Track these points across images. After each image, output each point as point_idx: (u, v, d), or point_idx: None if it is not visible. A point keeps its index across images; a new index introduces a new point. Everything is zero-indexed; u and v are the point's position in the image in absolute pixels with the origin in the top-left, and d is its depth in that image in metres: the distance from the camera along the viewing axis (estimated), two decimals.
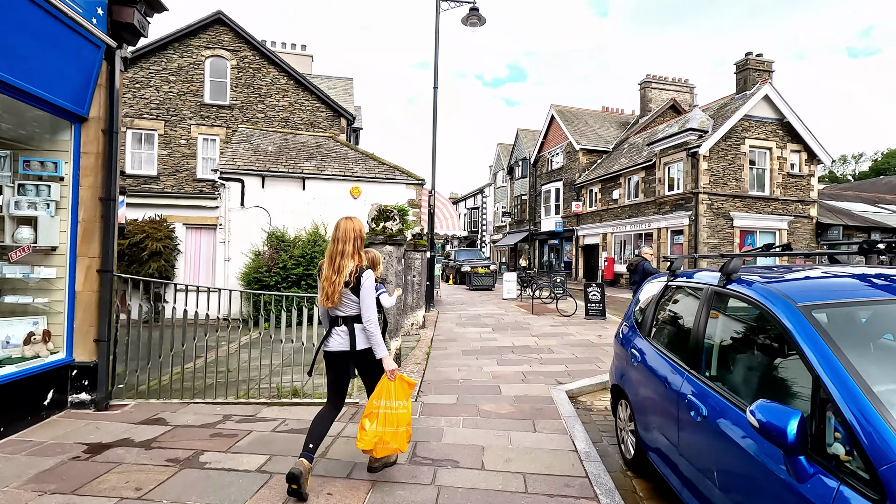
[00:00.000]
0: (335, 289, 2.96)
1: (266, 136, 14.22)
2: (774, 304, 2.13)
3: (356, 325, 3.05)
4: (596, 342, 8.31)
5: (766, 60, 20.50)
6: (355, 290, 2.99)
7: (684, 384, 2.63)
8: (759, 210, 20.09)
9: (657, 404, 2.99)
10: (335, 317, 3.10)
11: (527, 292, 17.10)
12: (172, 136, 17.98)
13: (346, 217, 3.17)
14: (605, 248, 25.99)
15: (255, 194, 12.06)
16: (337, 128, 19.50)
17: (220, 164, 11.93)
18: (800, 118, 20.17)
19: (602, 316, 11.15)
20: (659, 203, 21.74)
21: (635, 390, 3.39)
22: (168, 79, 17.86)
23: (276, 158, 12.75)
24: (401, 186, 12.97)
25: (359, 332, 3.06)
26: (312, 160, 13.00)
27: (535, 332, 9.53)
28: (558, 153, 31.88)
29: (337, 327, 3.09)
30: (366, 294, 3.01)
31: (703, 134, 19.69)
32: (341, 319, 3.08)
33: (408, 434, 3.13)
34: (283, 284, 11.01)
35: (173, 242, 11.38)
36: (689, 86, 30.87)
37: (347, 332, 3.06)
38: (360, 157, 13.70)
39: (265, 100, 18.85)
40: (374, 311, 3.06)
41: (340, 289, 2.96)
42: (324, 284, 3.01)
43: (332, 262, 3.01)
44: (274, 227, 11.90)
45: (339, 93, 22.33)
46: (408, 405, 3.12)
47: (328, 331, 3.14)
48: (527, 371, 6.29)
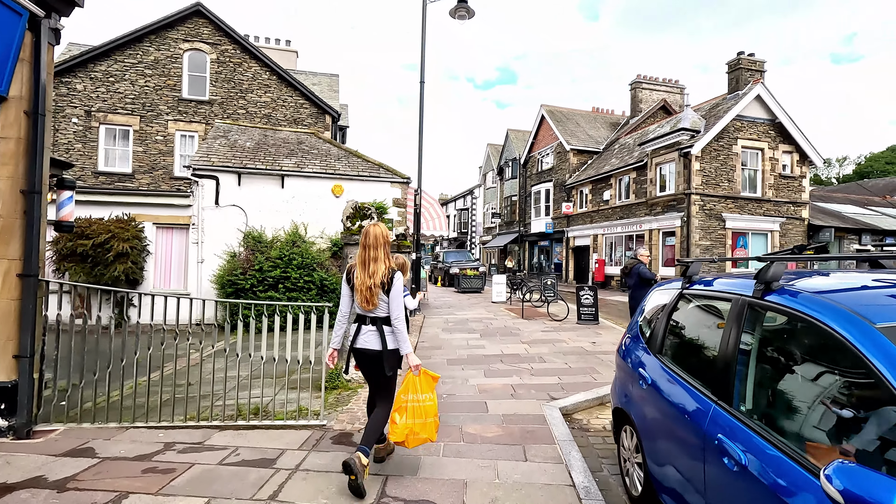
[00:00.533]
0: (372, 292, 3.15)
1: (244, 131, 13.57)
2: (843, 324, 1.62)
3: (385, 328, 3.22)
4: (590, 350, 7.81)
5: (758, 60, 20.27)
6: (386, 290, 3.17)
7: (711, 419, 2.11)
8: (751, 211, 19.83)
9: (674, 438, 2.47)
10: (364, 316, 3.26)
11: (516, 295, 16.62)
12: (148, 133, 17.23)
13: (373, 224, 3.32)
14: (596, 250, 25.63)
15: (231, 192, 11.41)
16: (321, 125, 18.88)
17: (194, 161, 11.27)
18: (792, 119, 19.96)
19: (595, 321, 10.68)
20: (650, 204, 21.40)
21: (644, 417, 2.87)
22: (144, 72, 17.12)
23: (253, 155, 12.12)
24: (385, 185, 12.40)
25: (387, 333, 3.22)
26: (292, 157, 12.39)
27: (525, 338, 9.02)
28: (548, 154, 31.50)
29: (365, 326, 3.26)
30: (396, 294, 3.19)
31: (696, 134, 19.38)
32: (370, 319, 3.24)
33: (436, 424, 3.26)
34: (259, 288, 10.40)
35: (142, 243, 10.69)
36: (679, 86, 30.70)
37: (377, 332, 3.22)
38: (344, 155, 13.11)
39: (246, 95, 18.18)
40: (402, 310, 3.24)
41: (378, 291, 3.14)
42: (360, 289, 3.17)
43: (365, 267, 3.19)
44: (251, 227, 11.27)
45: (323, 89, 21.70)
46: (433, 397, 3.27)
47: (357, 329, 3.29)
48: (516, 384, 5.76)
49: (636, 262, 6.37)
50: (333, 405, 4.94)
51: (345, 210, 5.65)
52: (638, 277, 6.25)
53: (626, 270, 6.45)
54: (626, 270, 6.42)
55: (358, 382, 5.51)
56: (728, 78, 20.84)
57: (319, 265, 10.93)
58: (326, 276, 10.75)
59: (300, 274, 10.56)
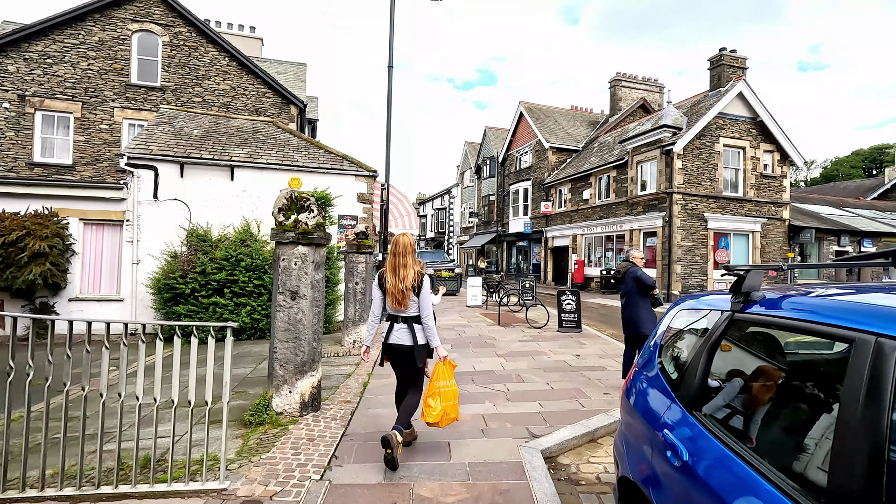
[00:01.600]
0: (404, 295, 3.53)
1: (193, 118, 12.24)
2: None
3: (415, 325, 3.60)
4: (575, 365, 6.86)
5: (739, 57, 19.82)
6: (416, 292, 3.56)
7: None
8: (732, 211, 19.34)
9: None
10: (396, 315, 3.63)
11: (493, 298, 15.66)
12: (92, 121, 15.66)
13: (401, 233, 3.67)
14: (576, 251, 24.91)
15: (172, 185, 10.12)
16: (286, 116, 17.60)
17: (129, 149, 9.93)
18: (773, 117, 19.56)
19: (577, 328, 9.77)
20: (631, 203, 20.75)
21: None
22: (87, 54, 15.54)
23: (200, 144, 10.83)
24: (349, 178, 11.27)
25: (418, 330, 3.61)
26: (245, 147, 11.14)
27: (501, 349, 8.03)
28: (527, 152, 30.73)
29: (397, 324, 3.63)
30: (425, 295, 3.59)
31: (678, 131, 18.78)
32: (402, 318, 3.62)
33: (457, 407, 3.64)
34: (201, 293, 9.16)
35: (65, 242, 9.31)
36: (658, 85, 30.31)
37: (409, 329, 3.60)
38: (304, 145, 11.92)
39: (203, 82, 16.76)
40: (431, 309, 3.65)
41: (409, 294, 3.53)
42: (392, 291, 3.55)
43: (395, 272, 3.56)
44: (195, 223, 10.00)
45: (289, 78, 20.37)
46: (453, 383, 3.64)
47: (390, 327, 3.66)
48: (489, 413, 4.74)
49: (630, 265, 5.43)
50: (252, 451, 3.83)
51: (277, 200, 4.55)
52: (634, 283, 5.31)
53: (618, 275, 5.50)
54: (619, 275, 5.48)
55: (291, 417, 4.41)
56: (710, 75, 20.33)
57: (272, 267, 9.73)
58: None
59: (249, 277, 9.36)
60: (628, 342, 5.56)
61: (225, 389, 3.25)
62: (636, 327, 5.28)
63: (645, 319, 5.24)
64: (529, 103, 31.20)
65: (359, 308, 7.98)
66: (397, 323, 3.64)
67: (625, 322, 5.47)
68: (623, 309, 5.49)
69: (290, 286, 4.47)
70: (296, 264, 4.48)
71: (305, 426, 4.27)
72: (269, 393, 4.53)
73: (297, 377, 4.45)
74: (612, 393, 5.44)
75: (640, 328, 5.25)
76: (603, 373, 6.40)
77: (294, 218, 4.54)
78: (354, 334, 8.01)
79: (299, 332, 4.46)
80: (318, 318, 4.66)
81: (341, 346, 8.12)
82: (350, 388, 5.73)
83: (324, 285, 4.77)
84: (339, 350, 7.84)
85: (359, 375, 6.31)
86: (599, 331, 10.31)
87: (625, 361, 5.52)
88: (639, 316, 5.25)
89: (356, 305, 7.97)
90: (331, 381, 6.09)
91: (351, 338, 8.01)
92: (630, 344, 5.54)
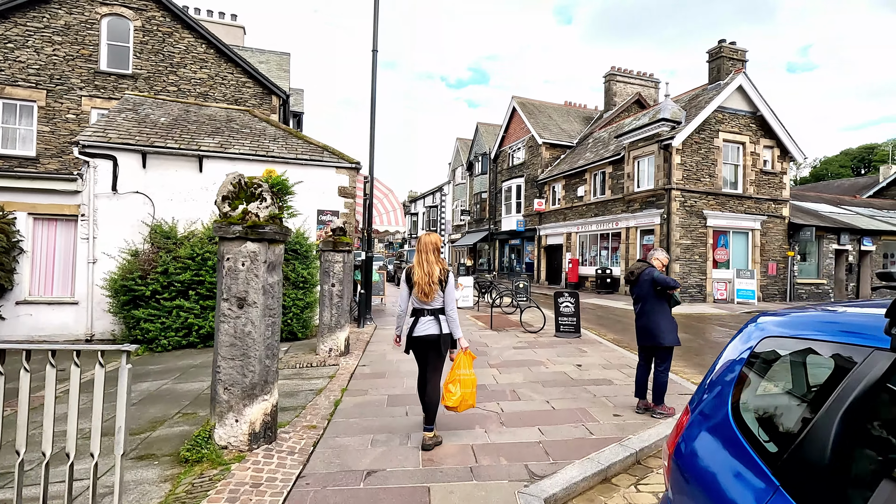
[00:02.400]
0: (431, 288, 3.85)
1: (161, 105, 11.32)
2: None
3: (441, 316, 3.92)
4: (576, 378, 6.09)
5: (739, 49, 19.19)
6: (442, 286, 3.89)
7: None
8: (732, 209, 18.72)
9: None
10: (421, 309, 3.93)
11: (485, 299, 14.90)
12: (57, 110, 14.66)
13: (426, 233, 4.07)
14: (570, 249, 24.22)
15: (133, 176, 9.22)
16: (267, 107, 16.70)
17: (84, 136, 9.01)
18: (773, 111, 18.97)
19: (576, 332, 9.02)
20: (628, 200, 20.08)
21: None
22: (52, 39, 14.53)
23: (167, 132, 9.93)
24: (329, 171, 10.42)
25: (443, 321, 3.92)
26: (217, 136, 10.25)
27: (494, 358, 7.25)
28: (520, 148, 29.99)
29: (423, 317, 3.92)
30: (450, 289, 3.95)
31: (677, 125, 18.12)
32: (428, 311, 3.92)
33: (474, 394, 3.94)
34: (163, 295, 8.29)
35: (11, 239, 8.39)
36: (654, 80, 29.69)
37: (436, 320, 3.91)
38: (282, 135, 11.05)
39: (178, 70, 15.80)
40: (455, 302, 3.99)
41: (436, 287, 3.85)
42: (420, 283, 3.85)
43: (422, 267, 3.89)
44: (159, 219, 9.12)
45: (272, 68, 19.44)
46: (472, 372, 3.95)
47: (415, 321, 3.95)
48: (480, 445, 3.96)
49: (644, 266, 4.66)
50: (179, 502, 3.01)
51: (221, 187, 3.73)
52: (651, 287, 4.53)
53: (632, 277, 4.72)
54: (633, 277, 4.70)
55: (236, 452, 3.59)
56: (709, 68, 19.70)
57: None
58: None
59: None
60: (643, 354, 4.80)
61: (118, 437, 2.42)
62: (654, 338, 4.52)
63: (664, 329, 4.48)
64: (522, 98, 30.46)
65: (335, 313, 7.15)
66: (423, 316, 3.92)
67: (640, 331, 4.69)
68: (638, 316, 4.72)
69: (237, 291, 3.65)
70: (243, 264, 3.66)
71: (253, 465, 3.46)
72: (210, 422, 3.71)
73: (244, 402, 3.64)
74: (623, 414, 4.68)
75: (658, 339, 4.49)
76: (609, 388, 5.64)
77: (243, 208, 3.73)
78: (330, 342, 7.18)
79: (248, 347, 3.65)
80: (274, 330, 3.84)
81: (316, 354, 7.30)
82: (318, 407, 4.92)
83: (280, 290, 3.95)
84: (312, 360, 7.01)
85: (331, 392, 5.50)
86: (599, 335, 9.57)
87: (638, 377, 4.75)
88: (657, 324, 4.49)
89: (332, 310, 7.14)
90: (297, 398, 5.28)
91: (326, 346, 7.18)
92: (645, 356, 4.78)
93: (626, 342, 9.10)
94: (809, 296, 20.07)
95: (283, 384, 5.82)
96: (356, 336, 9.12)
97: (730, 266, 18.56)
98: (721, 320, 13.10)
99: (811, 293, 20.15)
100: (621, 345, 8.68)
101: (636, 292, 4.70)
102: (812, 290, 20.18)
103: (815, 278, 20.42)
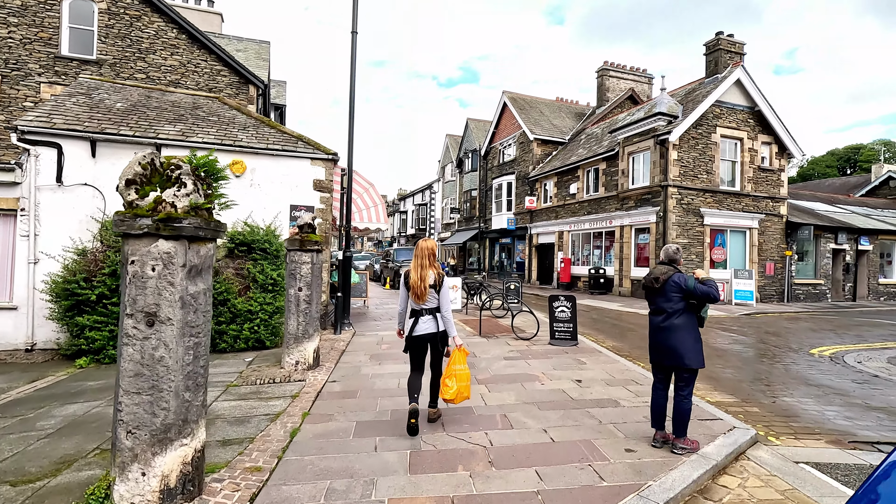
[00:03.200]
0: (424, 291, 4.21)
1: (120, 90, 10.33)
2: None
3: (437, 315, 4.31)
4: (577, 397, 5.29)
5: (737, 42, 18.58)
6: (437, 289, 4.27)
7: None
8: (730, 207, 18.12)
9: None
10: (420, 310, 4.30)
11: (474, 301, 14.09)
12: (13, 97, 13.59)
13: (423, 239, 4.47)
14: (562, 248, 23.51)
15: (82, 167, 8.27)
16: (244, 97, 15.70)
17: (24, 122, 8.03)
18: (771, 107, 18.40)
19: (573, 340, 8.24)
20: (622, 198, 19.39)
21: None
22: (7, 20, 13.46)
23: (122, 119, 8.97)
24: (304, 162, 9.53)
25: (440, 319, 4.31)
26: (178, 123, 9.31)
27: (482, 372, 6.44)
28: (511, 144, 29.22)
29: (422, 317, 4.29)
30: (445, 292, 4.30)
31: (673, 119, 17.45)
32: (425, 311, 4.30)
33: (469, 388, 4.27)
34: (111, 300, 7.36)
35: None
36: (647, 76, 29.09)
37: (433, 319, 4.29)
38: (253, 124, 10.13)
39: (147, 57, 14.76)
40: (450, 304, 4.35)
41: (428, 290, 4.22)
42: (413, 287, 4.23)
43: (417, 272, 4.24)
44: (111, 214, 8.17)
45: (249, 56, 18.43)
46: (466, 367, 4.28)
47: (414, 321, 4.30)
48: (462, 497, 3.13)
49: (671, 271, 3.84)
50: None
51: (126, 169, 2.88)
52: (680, 294, 3.72)
53: (656, 283, 3.87)
54: (657, 283, 3.86)
55: None
56: (706, 61, 19.06)
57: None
58: (214, 282, 7.81)
59: None
60: (660, 375, 3.99)
61: None
62: (679, 358, 3.71)
63: (692, 348, 3.69)
64: (513, 93, 29.69)
65: (302, 321, 6.28)
66: (422, 316, 4.28)
67: (660, 348, 3.86)
68: (658, 331, 3.88)
69: (144, 305, 2.79)
70: (154, 269, 2.79)
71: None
72: (110, 475, 2.85)
73: (155, 450, 2.78)
74: (637, 448, 3.88)
75: (684, 359, 3.70)
76: (616, 411, 4.85)
77: (155, 196, 2.86)
78: (297, 354, 6.32)
79: (159, 377, 2.79)
80: (198, 353, 2.98)
81: (280, 368, 6.43)
82: (270, 439, 4.07)
83: (209, 302, 3.09)
84: (276, 374, 6.14)
85: (289, 417, 4.64)
86: (597, 342, 8.80)
87: (655, 403, 3.96)
88: (683, 342, 3.69)
89: (299, 317, 6.27)
90: (248, 426, 4.41)
91: (293, 358, 6.32)
92: (663, 377, 3.98)
93: (626, 350, 8.33)
94: (807, 297, 19.56)
95: (235, 407, 4.96)
96: (330, 344, 8.25)
97: (727, 266, 17.96)
98: (721, 323, 12.42)
99: (808, 294, 19.64)
100: (622, 353, 7.91)
101: (659, 302, 3.88)
102: (810, 290, 19.66)
103: (813, 278, 19.91)
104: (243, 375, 6.20)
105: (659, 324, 3.85)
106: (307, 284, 6.30)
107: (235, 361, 7.17)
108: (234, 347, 7.91)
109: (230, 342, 7.87)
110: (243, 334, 7.93)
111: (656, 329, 3.88)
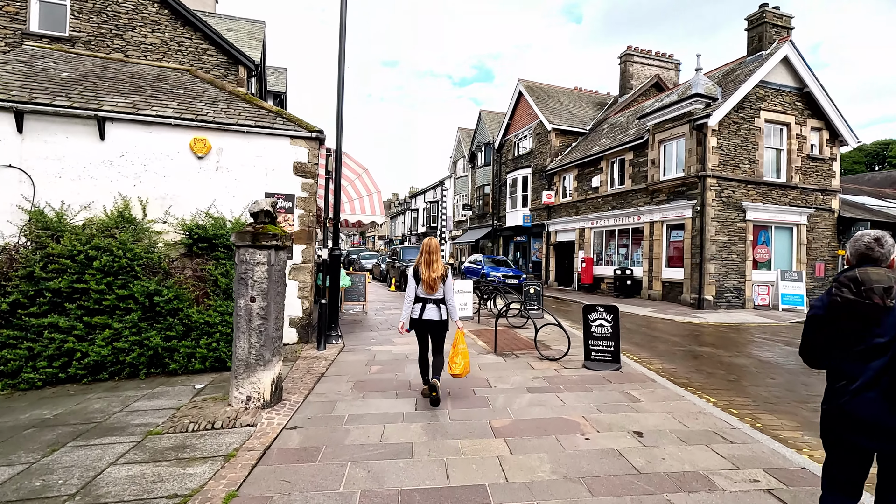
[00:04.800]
0: (436, 283, 4.83)
1: (72, 59, 8.83)
2: None
3: (442, 305, 4.93)
4: (642, 467, 3.55)
5: (784, 15, 16.50)
6: (443, 281, 4.88)
7: None
8: (774, 200, 16.09)
9: None
10: (426, 299, 4.91)
11: (488, 307, 12.36)
12: None
13: (429, 238, 5.02)
14: (583, 247, 21.63)
15: (4, 143, 6.74)
16: (233, 79, 14.15)
17: None
18: (823, 87, 16.32)
19: (615, 362, 6.47)
20: (652, 191, 17.47)
21: None
22: None
23: (63, 89, 7.43)
24: (282, 141, 7.90)
25: (443, 308, 4.94)
26: (132, 95, 7.75)
27: (499, 410, 4.73)
28: (527, 135, 27.38)
29: (429, 305, 4.90)
30: (448, 284, 4.94)
31: (712, 102, 15.49)
32: (432, 301, 4.90)
33: (469, 363, 5.04)
34: (31, 309, 5.83)
35: None
36: (674, 61, 27.01)
37: (437, 308, 4.91)
38: (225, 98, 8.54)
39: (125, 34, 13.29)
40: (454, 293, 5.04)
41: (440, 282, 4.85)
42: (426, 280, 4.83)
43: (429, 266, 4.86)
44: (41, 202, 6.65)
45: (242, 36, 16.92)
46: (465, 346, 5.02)
47: (422, 307, 4.91)
48: None
49: None
50: None
51: None
52: None
53: (873, 295, 2.03)
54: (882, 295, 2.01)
55: None
56: (748, 37, 17.02)
57: (152, 269, 6.40)
58: (162, 288, 6.21)
59: (108, 284, 6.03)
60: (850, 469, 2.18)
61: None
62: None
63: None
64: (529, 81, 27.85)
65: (257, 342, 4.62)
66: (428, 304, 4.90)
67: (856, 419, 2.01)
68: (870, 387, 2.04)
69: None
70: None
71: None
72: None
73: None
74: None
75: None
76: (714, 498, 3.09)
77: None
78: (249, 387, 4.65)
79: None
80: None
81: (227, 405, 4.77)
82: None
83: None
84: (219, 415, 4.50)
85: (221, 481, 2.97)
86: (642, 363, 7.02)
87: (830, 486, 2.17)
88: None
89: (252, 337, 4.61)
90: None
91: (243, 392, 4.66)
92: (857, 475, 2.17)
93: (683, 375, 6.54)
94: None
95: (135, 477, 3.32)
96: (308, 365, 6.59)
97: (771, 266, 15.97)
98: (766, 331, 10.51)
99: None
100: (680, 381, 6.13)
101: (879, 332, 2.05)
102: None
103: None
104: (178, 415, 4.57)
105: (877, 372, 2.00)
106: (262, 293, 4.64)
107: (182, 389, 5.57)
108: (188, 368, 6.32)
109: (182, 362, 6.27)
110: (199, 352, 6.31)
111: (867, 384, 2.06)
